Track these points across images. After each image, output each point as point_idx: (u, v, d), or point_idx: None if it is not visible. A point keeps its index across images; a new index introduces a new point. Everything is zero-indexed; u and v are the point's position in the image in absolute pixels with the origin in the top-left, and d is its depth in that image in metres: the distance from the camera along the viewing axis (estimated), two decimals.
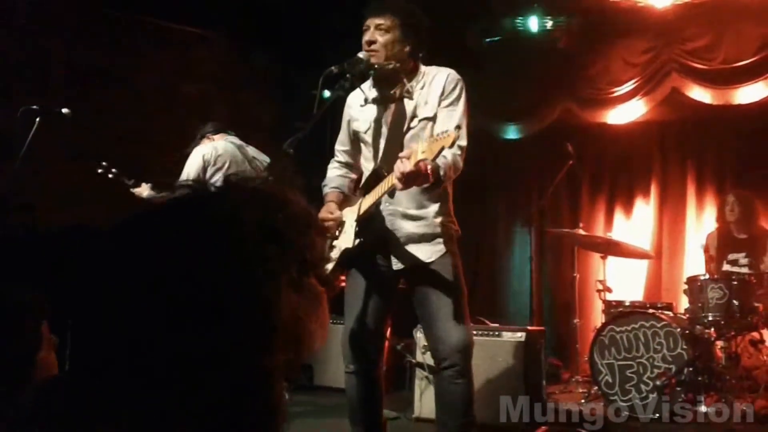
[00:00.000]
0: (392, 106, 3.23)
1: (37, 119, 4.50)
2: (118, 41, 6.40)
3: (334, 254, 3.18)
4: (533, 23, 6.76)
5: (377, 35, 3.15)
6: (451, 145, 2.73)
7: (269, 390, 0.95)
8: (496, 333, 4.70)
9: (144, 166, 5.35)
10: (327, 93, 3.18)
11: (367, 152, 3.32)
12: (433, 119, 3.13)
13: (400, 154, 2.80)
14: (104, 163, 5.24)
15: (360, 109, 3.33)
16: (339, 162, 3.49)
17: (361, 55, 3.13)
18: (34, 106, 4.52)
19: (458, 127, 2.86)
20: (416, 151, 2.72)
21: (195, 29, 6.84)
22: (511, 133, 7.38)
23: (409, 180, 2.75)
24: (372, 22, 3.17)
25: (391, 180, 2.85)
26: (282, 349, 0.95)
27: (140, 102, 6.24)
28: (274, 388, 0.96)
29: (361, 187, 3.28)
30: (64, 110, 4.64)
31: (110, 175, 5.24)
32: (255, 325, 0.92)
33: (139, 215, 0.98)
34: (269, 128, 7.10)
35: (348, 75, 3.06)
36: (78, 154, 5.33)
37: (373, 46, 3.14)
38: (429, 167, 2.75)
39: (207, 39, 6.98)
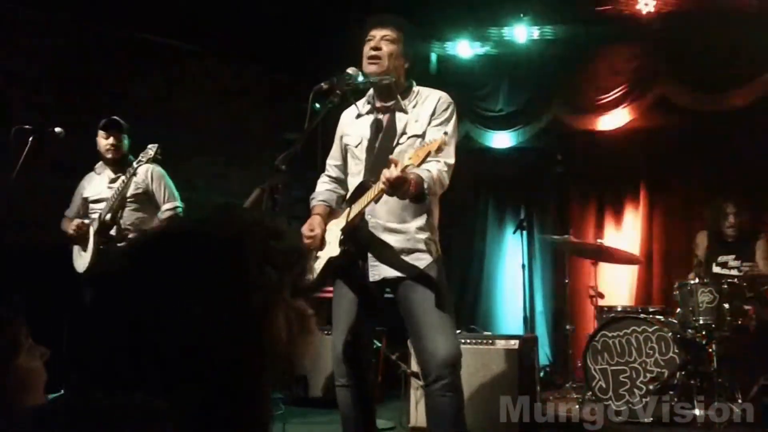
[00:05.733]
0: (384, 121, 3.27)
1: (31, 138, 4.53)
2: (111, 57, 6.45)
3: (318, 265, 3.21)
4: (521, 33, 6.83)
5: (383, 44, 3.21)
6: (438, 150, 2.78)
7: (261, 404, 1.01)
8: (490, 341, 4.72)
9: None
10: (317, 107, 3.21)
11: (354, 166, 3.35)
12: (421, 137, 3.17)
13: (390, 158, 2.86)
14: None
15: (353, 123, 3.38)
16: (329, 177, 3.52)
17: (350, 70, 3.16)
18: (27, 126, 4.55)
19: (446, 133, 2.90)
20: (404, 156, 2.79)
21: (185, 44, 6.87)
22: (501, 141, 7.43)
23: (394, 186, 2.81)
24: (378, 32, 3.23)
25: (378, 187, 2.90)
26: (276, 361, 1.01)
27: (133, 116, 6.26)
28: (266, 402, 1.02)
29: (347, 199, 3.31)
30: (57, 129, 4.67)
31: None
32: (252, 339, 0.98)
33: (156, 237, 1.08)
34: (259, 140, 7.15)
35: (338, 90, 3.10)
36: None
37: (378, 53, 3.19)
38: (413, 176, 2.82)
39: (199, 54, 7.02)
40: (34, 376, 1.70)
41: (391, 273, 3.17)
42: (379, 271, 3.18)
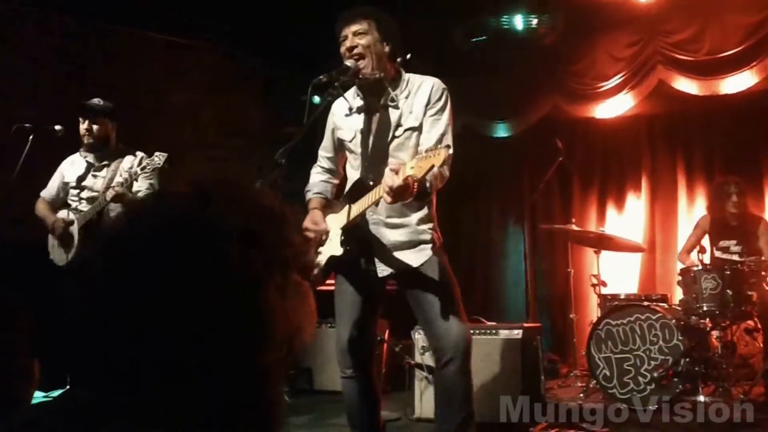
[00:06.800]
0: (377, 116, 3.24)
1: (31, 137, 4.53)
2: (109, 51, 6.43)
3: (320, 260, 3.20)
4: (519, 21, 6.81)
5: (357, 40, 3.16)
6: (442, 165, 2.74)
7: (267, 388, 0.99)
8: (493, 331, 4.71)
9: None
10: (317, 100, 3.20)
11: (353, 160, 3.33)
12: (418, 129, 3.15)
13: (389, 167, 2.79)
14: None
15: (344, 118, 3.34)
16: (322, 167, 3.51)
17: (348, 63, 3.15)
18: (27, 124, 4.55)
19: (448, 146, 2.86)
20: (405, 166, 2.73)
21: (182, 39, 6.86)
22: (501, 131, 7.42)
23: (397, 195, 2.77)
24: (348, 30, 3.18)
25: (379, 192, 2.88)
26: (275, 348, 0.98)
27: (130, 110, 6.26)
28: (272, 387, 1.00)
29: (345, 194, 3.29)
30: (57, 127, 4.65)
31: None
32: (248, 330, 0.95)
33: (135, 230, 0.99)
34: (259, 134, 7.14)
35: (336, 83, 3.08)
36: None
37: (356, 51, 3.15)
38: (416, 184, 2.78)
39: (195, 48, 7.00)
40: (31, 372, 1.71)
41: (397, 267, 3.18)
42: (385, 266, 3.19)
